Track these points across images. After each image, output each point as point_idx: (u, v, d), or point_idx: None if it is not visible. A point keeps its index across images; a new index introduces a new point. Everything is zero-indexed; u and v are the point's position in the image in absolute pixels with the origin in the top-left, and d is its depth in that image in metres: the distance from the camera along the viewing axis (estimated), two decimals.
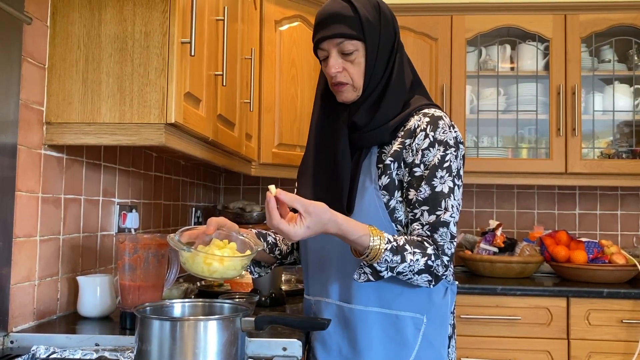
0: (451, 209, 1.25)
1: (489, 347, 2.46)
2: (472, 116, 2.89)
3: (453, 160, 1.27)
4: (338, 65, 1.31)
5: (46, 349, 1.21)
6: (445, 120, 1.30)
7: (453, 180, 1.27)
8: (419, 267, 1.21)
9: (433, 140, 1.27)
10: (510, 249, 2.74)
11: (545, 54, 2.87)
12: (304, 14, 2.66)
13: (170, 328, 1.03)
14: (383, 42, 1.31)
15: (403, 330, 1.29)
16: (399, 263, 1.19)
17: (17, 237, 1.34)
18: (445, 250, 1.25)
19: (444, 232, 1.25)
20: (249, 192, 3.25)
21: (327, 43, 1.31)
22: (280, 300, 1.78)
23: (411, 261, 1.20)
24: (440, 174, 1.26)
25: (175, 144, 1.46)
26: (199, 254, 1.15)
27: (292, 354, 1.28)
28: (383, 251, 1.17)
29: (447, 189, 1.25)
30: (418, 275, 1.23)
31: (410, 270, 1.21)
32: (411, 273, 1.22)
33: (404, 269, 1.20)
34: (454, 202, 1.26)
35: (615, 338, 2.43)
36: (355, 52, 1.30)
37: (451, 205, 1.25)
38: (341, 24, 1.28)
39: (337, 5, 1.30)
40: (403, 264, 1.20)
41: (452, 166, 1.27)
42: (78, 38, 1.40)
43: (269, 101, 2.53)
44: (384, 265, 1.19)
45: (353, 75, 1.31)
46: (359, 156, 1.33)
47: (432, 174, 1.25)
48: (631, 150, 2.85)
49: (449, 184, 1.26)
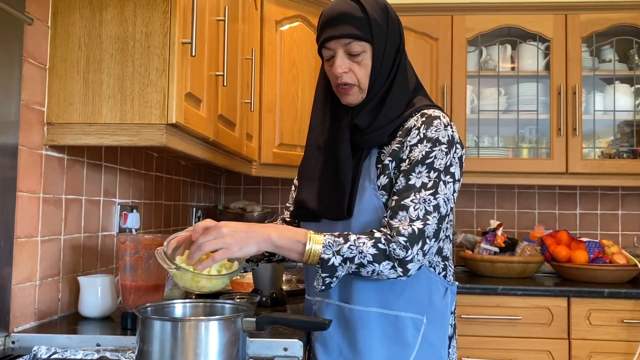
0: (416, 198, 1.20)
1: (489, 347, 2.46)
2: (473, 116, 2.89)
3: (440, 157, 1.24)
4: (345, 65, 1.30)
5: (47, 350, 1.21)
6: (442, 120, 1.28)
7: (430, 176, 1.22)
8: (372, 252, 1.17)
9: (422, 137, 1.26)
10: (511, 249, 2.74)
11: (546, 53, 2.87)
12: (304, 14, 2.66)
13: (172, 328, 1.03)
14: (389, 44, 1.31)
15: (403, 331, 1.29)
16: (343, 243, 1.17)
17: (18, 237, 1.34)
18: (401, 231, 1.18)
19: (403, 216, 1.20)
20: (249, 192, 3.25)
21: (334, 43, 1.29)
22: (281, 300, 1.78)
23: (355, 241, 1.17)
24: (419, 169, 1.23)
25: (176, 144, 1.46)
26: (187, 273, 1.15)
27: (293, 354, 1.28)
28: (324, 237, 1.18)
29: (419, 184, 1.22)
30: (377, 263, 1.17)
31: (363, 256, 1.17)
32: (367, 261, 1.17)
33: (352, 251, 1.17)
34: (425, 194, 1.21)
35: (616, 338, 2.43)
36: (362, 53, 1.29)
37: (418, 197, 1.21)
38: (350, 24, 1.27)
39: (347, 5, 1.28)
40: (348, 244, 1.17)
41: (436, 163, 1.23)
42: (79, 38, 1.40)
43: (269, 101, 2.53)
44: (329, 251, 1.17)
45: (359, 77, 1.30)
46: (359, 158, 1.33)
47: (412, 169, 1.23)
48: (632, 150, 2.85)
49: (424, 179, 1.22)
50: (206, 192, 2.94)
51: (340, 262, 1.18)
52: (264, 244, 1.18)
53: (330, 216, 1.32)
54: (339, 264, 1.18)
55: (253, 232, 1.17)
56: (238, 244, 1.15)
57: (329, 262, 1.18)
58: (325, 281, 1.19)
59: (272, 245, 1.18)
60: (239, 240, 1.15)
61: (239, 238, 1.15)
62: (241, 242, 1.15)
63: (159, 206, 2.23)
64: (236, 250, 1.15)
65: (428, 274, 1.31)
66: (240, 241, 1.15)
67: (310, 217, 1.37)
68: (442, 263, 1.33)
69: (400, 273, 1.19)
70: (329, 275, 1.19)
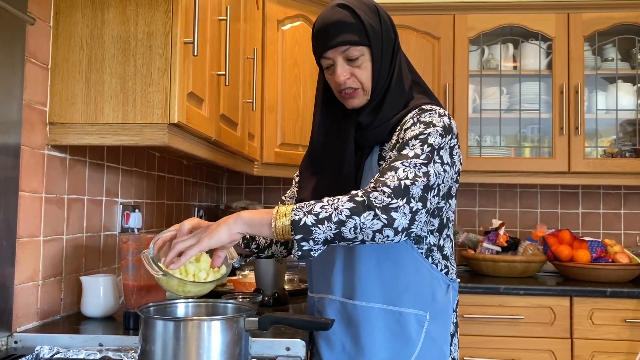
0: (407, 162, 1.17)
1: (492, 346, 2.46)
2: (475, 115, 2.89)
3: (434, 136, 1.22)
4: (346, 72, 1.31)
5: (50, 349, 1.21)
6: (438, 110, 1.28)
7: (423, 149, 1.19)
8: (348, 206, 1.11)
9: (416, 121, 1.26)
10: (513, 248, 2.74)
11: (548, 52, 2.87)
12: (306, 13, 2.66)
13: (174, 328, 1.03)
14: (386, 43, 1.32)
15: (406, 327, 1.29)
16: (314, 204, 1.12)
17: (20, 237, 1.34)
18: (387, 182, 1.13)
19: (391, 175, 1.15)
20: (251, 192, 3.25)
21: (332, 52, 1.30)
22: (283, 300, 1.78)
23: (329, 201, 1.12)
24: (412, 142, 1.21)
25: (178, 144, 1.46)
26: (173, 278, 1.14)
27: (296, 354, 1.29)
28: (292, 207, 1.13)
29: (412, 154, 1.19)
30: (357, 216, 1.10)
31: (339, 212, 1.10)
32: (345, 216, 1.09)
33: (327, 209, 1.11)
34: (415, 161, 1.18)
35: (619, 337, 2.42)
36: (361, 57, 1.30)
37: (409, 162, 1.17)
38: (345, 31, 1.28)
39: (338, 13, 1.29)
40: (320, 203, 1.12)
41: (429, 139, 1.21)
42: (81, 38, 1.40)
43: (271, 101, 2.53)
44: (300, 212, 1.11)
45: (362, 80, 1.32)
46: (361, 156, 1.34)
47: (405, 143, 1.22)
48: (634, 149, 2.84)
49: (417, 150, 1.20)
50: (208, 191, 2.94)
51: (314, 222, 1.10)
52: (235, 226, 1.13)
53: None
54: (312, 223, 1.10)
55: (224, 219, 1.15)
56: (208, 235, 1.12)
57: (300, 222, 1.10)
58: (302, 246, 1.11)
59: (243, 222, 1.13)
60: (209, 232, 1.12)
61: (210, 229, 1.13)
62: (211, 232, 1.12)
63: (161, 206, 2.23)
64: (206, 242, 1.11)
65: (430, 271, 1.31)
66: (210, 232, 1.12)
67: None
68: (443, 262, 1.34)
69: (385, 221, 1.10)
70: (304, 236, 1.10)
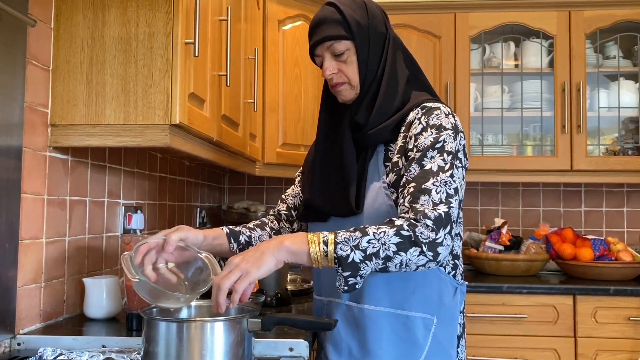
0: (437, 181, 1.18)
1: (495, 345, 2.46)
2: (477, 114, 2.89)
3: (450, 141, 1.23)
4: (332, 67, 1.34)
5: (53, 351, 1.21)
6: (443, 109, 1.28)
7: (445, 159, 1.21)
8: (394, 241, 1.10)
9: (425, 125, 1.26)
10: (516, 247, 2.74)
11: (550, 50, 2.86)
12: (306, 13, 2.65)
13: (177, 329, 1.03)
14: (373, 37, 1.33)
15: (413, 331, 1.28)
16: (361, 237, 1.10)
17: (23, 239, 1.34)
18: (427, 214, 1.13)
19: (426, 200, 1.15)
20: (253, 192, 3.25)
21: (319, 48, 1.35)
22: (286, 300, 1.78)
23: (375, 234, 1.11)
24: (431, 154, 1.22)
25: (179, 144, 1.46)
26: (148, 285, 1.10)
27: (299, 354, 1.28)
28: (335, 235, 1.11)
29: (436, 167, 1.20)
30: (404, 252, 1.10)
31: (386, 247, 1.10)
32: (392, 252, 1.10)
33: (374, 245, 1.10)
34: (443, 176, 1.19)
35: (622, 335, 2.42)
36: (346, 51, 1.32)
37: (439, 179, 1.19)
38: (328, 26, 1.32)
39: (325, 11, 1.34)
40: (367, 237, 1.10)
41: (447, 147, 1.23)
42: (82, 40, 1.40)
43: (272, 101, 2.53)
44: (347, 247, 1.10)
45: (348, 74, 1.34)
46: (365, 156, 1.33)
47: (424, 155, 1.22)
48: (637, 147, 2.84)
49: (439, 162, 1.21)
50: (210, 192, 2.94)
51: (362, 259, 1.10)
52: (279, 254, 1.12)
53: (339, 212, 1.32)
54: (360, 260, 1.10)
55: (264, 247, 1.13)
56: (254, 265, 1.10)
57: (348, 259, 1.10)
58: (348, 281, 1.11)
59: (287, 251, 1.13)
60: (254, 261, 1.11)
61: (253, 259, 1.11)
62: (257, 261, 1.11)
63: (163, 207, 2.23)
64: (255, 271, 1.10)
65: (438, 274, 1.30)
66: (255, 261, 1.11)
67: (318, 216, 1.37)
68: (452, 261, 1.33)
69: (430, 257, 1.12)
70: (352, 274, 1.10)
